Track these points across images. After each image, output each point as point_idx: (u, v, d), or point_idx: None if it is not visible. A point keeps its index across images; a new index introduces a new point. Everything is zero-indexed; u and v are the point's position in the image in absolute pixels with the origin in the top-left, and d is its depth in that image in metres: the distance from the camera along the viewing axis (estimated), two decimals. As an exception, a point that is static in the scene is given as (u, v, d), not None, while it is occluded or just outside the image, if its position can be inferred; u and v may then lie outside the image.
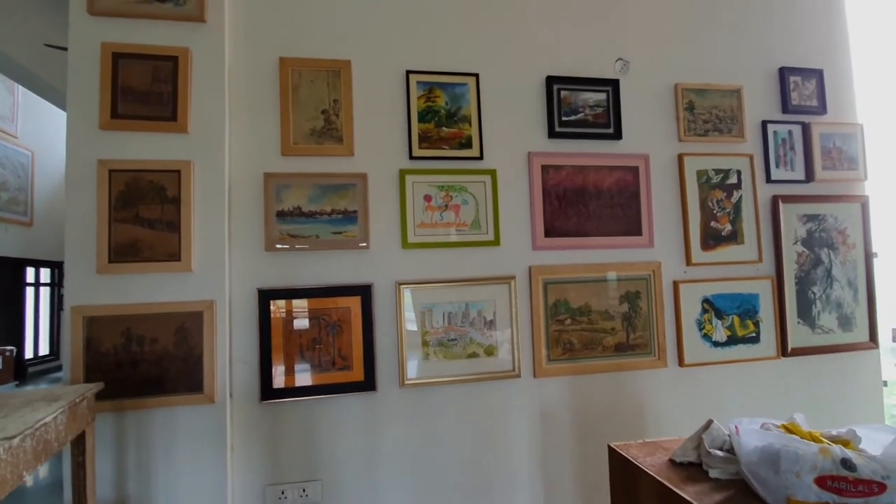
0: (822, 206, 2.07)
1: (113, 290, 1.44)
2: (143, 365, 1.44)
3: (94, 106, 1.48)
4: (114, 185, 1.47)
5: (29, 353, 6.63)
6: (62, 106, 4.39)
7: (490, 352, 1.71)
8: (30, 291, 6.70)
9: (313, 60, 1.68)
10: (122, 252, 1.45)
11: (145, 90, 1.52)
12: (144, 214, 1.48)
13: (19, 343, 6.31)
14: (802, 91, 2.10)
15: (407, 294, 1.67)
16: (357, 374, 1.61)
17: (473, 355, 1.70)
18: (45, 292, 7.07)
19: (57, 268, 7.19)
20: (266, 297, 1.58)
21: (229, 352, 1.53)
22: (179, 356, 1.46)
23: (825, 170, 2.08)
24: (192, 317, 1.48)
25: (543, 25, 1.89)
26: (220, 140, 1.55)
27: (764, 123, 2.04)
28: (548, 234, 1.80)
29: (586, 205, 1.84)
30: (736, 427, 0.91)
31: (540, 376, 1.74)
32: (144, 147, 1.50)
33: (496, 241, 1.75)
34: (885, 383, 2.35)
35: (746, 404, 1.91)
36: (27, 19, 3.50)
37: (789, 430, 0.91)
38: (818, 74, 2.12)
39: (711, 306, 1.91)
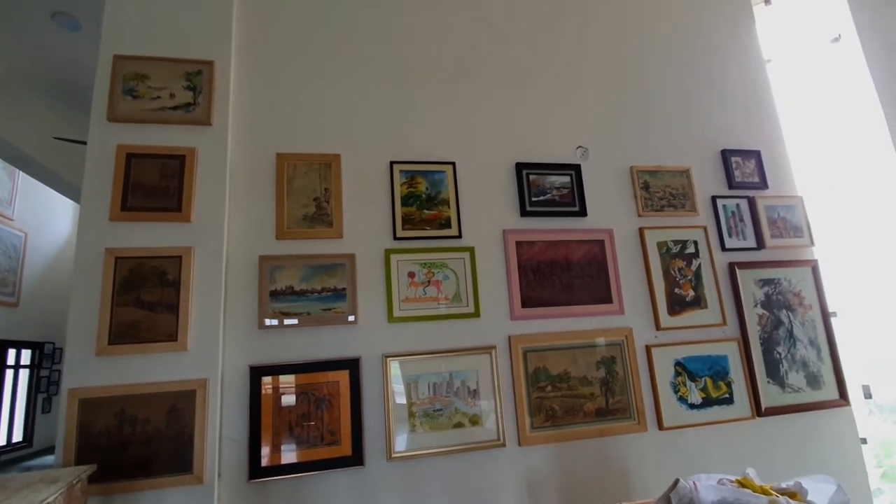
0: (776, 271, 2.25)
1: (110, 371, 1.50)
2: (133, 446, 1.47)
3: (105, 200, 1.64)
4: (119, 271, 1.58)
5: (1, 440, 6.30)
6: (66, 193, 4.60)
7: (475, 421, 1.77)
8: (9, 374, 6.50)
9: (307, 155, 1.88)
10: (121, 334, 1.54)
11: (154, 185, 1.69)
12: (145, 297, 1.59)
13: (-8, 430, 6.02)
14: (744, 169, 2.36)
15: (393, 366, 1.75)
16: (345, 448, 1.65)
17: (459, 425, 1.75)
18: (24, 375, 6.86)
19: (38, 349, 7.04)
20: (257, 373, 1.65)
21: (220, 430, 1.57)
22: (170, 436, 1.50)
23: (774, 238, 2.29)
24: (185, 396, 1.53)
25: (511, 118, 2.15)
26: (219, 227, 1.70)
27: (713, 198, 2.26)
28: (525, 304, 1.92)
29: (559, 276, 1.99)
30: (694, 483, 0.99)
31: (525, 444, 1.78)
32: (149, 235, 1.64)
33: (476, 313, 1.87)
34: (864, 440, 2.41)
35: (727, 465, 1.95)
36: (37, 114, 3.78)
37: (743, 484, 0.99)
38: (756, 155, 2.40)
39: (684, 369, 2.01)
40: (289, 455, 1.61)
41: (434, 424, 1.74)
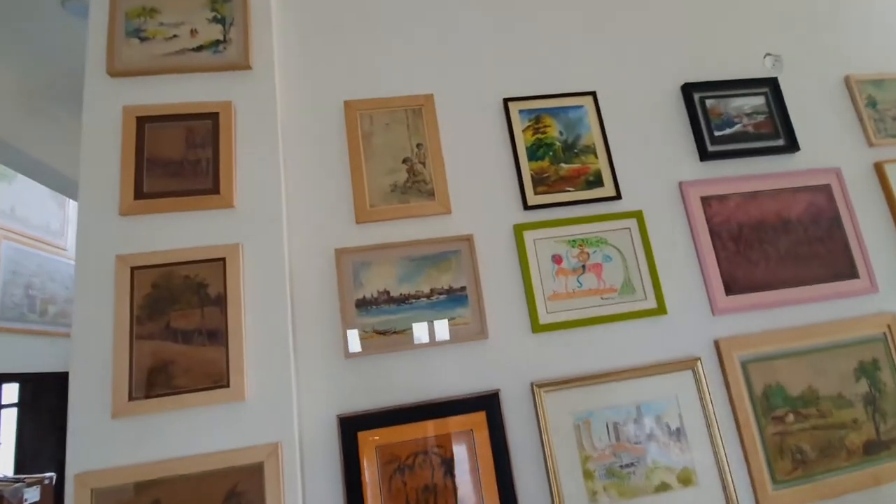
0: None
1: (134, 442, 0.97)
2: (179, 559, 0.93)
3: (113, 187, 1.12)
4: (137, 287, 1.06)
5: (71, 477, 6.19)
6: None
7: (686, 479, 1.12)
8: (74, 407, 6.41)
9: (386, 100, 1.30)
10: (147, 383, 1.01)
11: (178, 159, 1.15)
12: (178, 324, 1.05)
13: (62, 467, 5.91)
14: None
15: (550, 400, 1.14)
16: (495, 536, 1.05)
17: (664, 487, 1.11)
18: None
19: (101, 378, 6.95)
20: (351, 427, 1.07)
21: (305, 521, 1.01)
22: (233, 539, 0.95)
23: None
24: (248, 472, 0.98)
25: (669, 22, 1.49)
26: (275, 213, 1.14)
27: (978, 110, 1.52)
28: (729, 290, 1.26)
29: (773, 244, 1.31)
30: None
31: (768, 511, 1.13)
32: (178, 232, 1.10)
33: (661, 309, 1.23)
34: None
35: None
36: (67, 128, 3.43)
37: None
38: None
39: None
40: (410, 551, 1.03)
41: (624, 488, 1.11)
